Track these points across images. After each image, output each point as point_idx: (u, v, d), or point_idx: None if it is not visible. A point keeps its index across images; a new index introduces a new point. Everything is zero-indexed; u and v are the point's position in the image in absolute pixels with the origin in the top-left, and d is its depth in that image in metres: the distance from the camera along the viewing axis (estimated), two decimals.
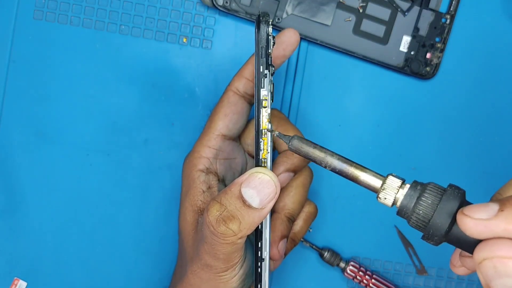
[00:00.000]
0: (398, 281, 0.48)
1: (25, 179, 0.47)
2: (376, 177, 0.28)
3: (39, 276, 0.47)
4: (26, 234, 0.47)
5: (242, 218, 0.31)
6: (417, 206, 0.26)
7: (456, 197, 0.26)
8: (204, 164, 0.38)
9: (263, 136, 0.31)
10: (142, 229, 0.47)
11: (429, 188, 0.26)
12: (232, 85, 0.38)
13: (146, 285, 0.47)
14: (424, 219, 0.26)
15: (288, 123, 0.39)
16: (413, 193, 0.27)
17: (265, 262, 0.34)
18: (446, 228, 0.25)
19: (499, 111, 0.47)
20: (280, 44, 0.36)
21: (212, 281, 0.34)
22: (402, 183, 0.27)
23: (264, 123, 0.31)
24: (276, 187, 0.31)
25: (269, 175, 0.31)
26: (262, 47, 0.30)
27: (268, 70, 0.31)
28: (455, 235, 0.25)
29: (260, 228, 0.33)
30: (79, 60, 0.46)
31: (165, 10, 0.46)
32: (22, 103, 0.46)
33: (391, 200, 0.27)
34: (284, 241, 0.37)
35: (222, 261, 0.33)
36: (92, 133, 0.46)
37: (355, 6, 0.45)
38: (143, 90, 0.46)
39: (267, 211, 0.31)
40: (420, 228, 0.26)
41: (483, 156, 0.47)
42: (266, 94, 0.31)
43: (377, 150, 0.47)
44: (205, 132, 0.38)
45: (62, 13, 0.46)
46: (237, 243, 0.32)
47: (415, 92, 0.47)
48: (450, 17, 0.46)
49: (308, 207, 0.41)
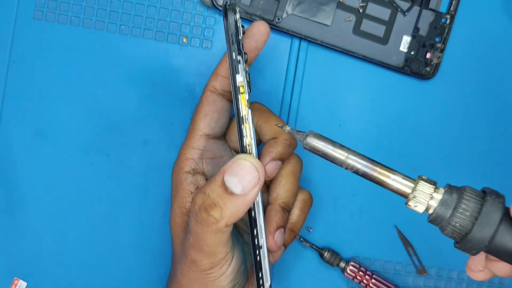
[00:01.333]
0: (398, 281, 0.48)
1: (25, 179, 0.47)
2: (406, 180, 0.26)
3: (39, 276, 0.47)
4: (26, 234, 0.47)
5: (224, 205, 0.31)
6: (454, 218, 0.24)
7: (498, 205, 0.23)
8: (190, 166, 0.38)
9: (244, 123, 0.31)
10: (142, 229, 0.47)
11: (467, 196, 0.24)
12: (209, 84, 0.38)
13: (146, 285, 0.47)
14: (461, 231, 0.24)
15: (270, 113, 0.39)
16: (449, 201, 0.24)
17: (263, 250, 0.34)
18: (488, 240, 0.23)
19: (499, 111, 0.47)
20: (252, 37, 0.36)
21: (200, 280, 0.34)
22: (435, 188, 0.25)
23: (244, 110, 0.31)
24: (258, 173, 0.30)
25: (250, 161, 0.30)
26: (232, 34, 0.31)
27: (241, 56, 0.31)
28: (497, 246, 0.23)
29: (253, 215, 0.33)
30: (79, 60, 0.46)
31: (165, 10, 0.46)
32: (22, 103, 0.46)
33: (423, 208, 0.25)
34: (281, 231, 0.37)
35: (207, 255, 0.33)
36: (92, 133, 0.46)
37: (355, 6, 0.45)
38: (143, 90, 0.46)
39: (251, 197, 0.31)
40: (456, 238, 0.24)
41: (483, 156, 0.47)
42: (242, 80, 0.31)
43: (377, 150, 0.47)
44: (189, 134, 0.39)
45: (62, 13, 0.46)
46: (221, 230, 0.31)
47: (415, 92, 0.47)
48: (450, 17, 0.46)
49: (302, 195, 0.40)
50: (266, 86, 0.47)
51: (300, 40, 0.46)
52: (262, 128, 0.39)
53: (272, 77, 0.47)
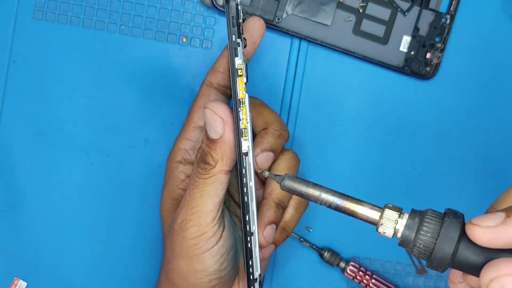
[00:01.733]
0: (398, 281, 0.48)
1: (25, 179, 0.47)
2: (374, 210, 0.28)
3: (39, 276, 0.47)
4: (26, 234, 0.47)
5: (213, 151, 0.34)
6: (417, 239, 0.26)
7: (456, 224, 0.25)
8: (182, 156, 0.41)
9: (241, 106, 0.33)
10: (142, 229, 0.47)
11: (427, 217, 0.26)
12: (206, 79, 0.40)
13: (145, 285, 0.47)
14: (426, 251, 0.26)
15: (263, 106, 0.40)
16: (412, 224, 0.26)
17: (255, 237, 0.35)
18: (449, 257, 0.25)
19: (499, 111, 0.47)
20: (247, 30, 0.37)
21: (186, 253, 0.35)
22: (399, 214, 0.27)
23: (241, 92, 0.33)
24: (218, 114, 0.33)
25: (209, 108, 0.33)
26: (233, 16, 0.32)
27: (240, 40, 0.33)
28: (460, 261, 0.25)
29: (246, 200, 0.34)
30: (79, 60, 0.46)
31: (165, 10, 0.46)
32: (22, 103, 0.46)
33: (391, 232, 0.27)
34: (273, 227, 0.37)
35: (196, 214, 0.34)
36: (92, 133, 0.46)
37: (355, 6, 0.45)
38: (143, 90, 0.46)
39: (227, 137, 0.33)
40: (424, 258, 0.26)
41: (484, 156, 0.47)
42: (241, 63, 0.33)
43: (377, 150, 0.47)
44: (184, 125, 0.41)
45: (62, 13, 0.46)
46: (218, 179, 0.34)
47: (415, 92, 0.47)
48: (450, 17, 0.46)
49: None
50: (266, 86, 0.47)
51: (300, 40, 0.46)
52: (254, 120, 0.39)
53: (272, 77, 0.47)
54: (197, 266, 0.35)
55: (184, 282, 0.36)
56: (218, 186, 0.34)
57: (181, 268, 0.36)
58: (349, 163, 0.47)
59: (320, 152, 0.47)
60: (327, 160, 0.47)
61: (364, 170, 0.47)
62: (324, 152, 0.47)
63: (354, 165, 0.47)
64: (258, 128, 0.39)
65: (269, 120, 0.39)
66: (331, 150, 0.47)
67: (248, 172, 0.34)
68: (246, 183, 0.34)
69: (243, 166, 0.33)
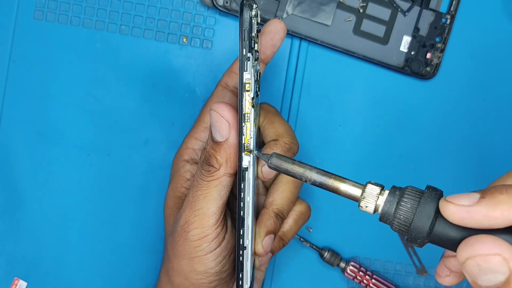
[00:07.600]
0: (398, 281, 0.48)
1: (25, 179, 0.47)
2: (356, 186, 0.29)
3: (39, 276, 0.47)
4: (26, 234, 0.47)
5: (217, 154, 0.34)
6: (397, 211, 0.26)
7: (434, 198, 0.26)
8: (189, 155, 0.40)
9: (245, 121, 0.32)
10: (142, 229, 0.47)
11: (407, 192, 0.27)
12: (222, 80, 0.40)
13: (146, 285, 0.47)
14: (405, 223, 0.26)
15: (276, 115, 0.39)
16: (392, 199, 0.27)
17: (247, 251, 0.34)
18: (427, 229, 0.26)
19: (499, 111, 0.47)
20: (268, 33, 0.37)
21: (188, 254, 0.35)
22: (381, 189, 0.28)
23: (247, 107, 0.32)
24: (224, 118, 0.33)
25: (214, 110, 0.33)
26: (245, 29, 0.31)
27: (251, 54, 0.31)
28: (437, 235, 0.26)
29: (242, 215, 0.33)
30: (79, 60, 0.46)
31: (166, 10, 0.46)
32: (22, 103, 0.46)
33: (372, 207, 0.28)
34: (271, 237, 0.37)
35: (199, 216, 0.34)
36: (92, 133, 0.46)
37: (355, 6, 0.45)
38: (143, 90, 0.46)
39: (232, 140, 0.33)
40: (403, 232, 0.27)
41: (484, 155, 0.47)
42: (249, 78, 0.32)
43: (377, 150, 0.47)
44: (194, 125, 0.41)
45: (62, 13, 0.46)
46: (221, 182, 0.34)
47: (415, 92, 0.47)
48: (450, 17, 0.46)
49: (299, 207, 0.40)
50: (266, 86, 0.47)
51: (300, 40, 0.46)
52: (265, 129, 0.39)
53: (272, 77, 0.47)
54: (199, 267, 0.35)
55: (185, 281, 0.36)
56: (222, 189, 0.34)
57: (182, 268, 0.36)
58: (349, 163, 0.47)
59: (320, 152, 0.47)
60: (327, 160, 0.47)
61: (364, 170, 0.47)
62: (324, 152, 0.47)
63: (354, 165, 0.47)
64: (268, 138, 0.38)
65: (280, 131, 0.38)
66: (331, 150, 0.47)
67: (247, 187, 0.33)
68: (243, 198, 0.33)
69: (242, 181, 0.33)
